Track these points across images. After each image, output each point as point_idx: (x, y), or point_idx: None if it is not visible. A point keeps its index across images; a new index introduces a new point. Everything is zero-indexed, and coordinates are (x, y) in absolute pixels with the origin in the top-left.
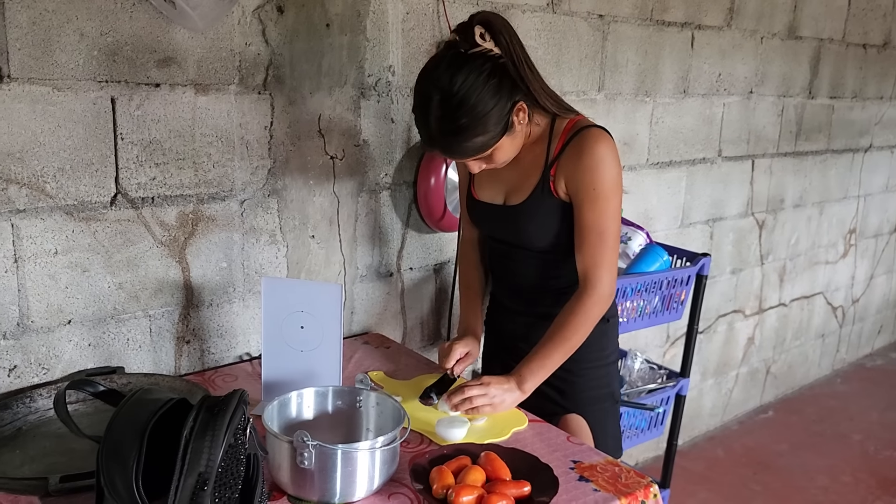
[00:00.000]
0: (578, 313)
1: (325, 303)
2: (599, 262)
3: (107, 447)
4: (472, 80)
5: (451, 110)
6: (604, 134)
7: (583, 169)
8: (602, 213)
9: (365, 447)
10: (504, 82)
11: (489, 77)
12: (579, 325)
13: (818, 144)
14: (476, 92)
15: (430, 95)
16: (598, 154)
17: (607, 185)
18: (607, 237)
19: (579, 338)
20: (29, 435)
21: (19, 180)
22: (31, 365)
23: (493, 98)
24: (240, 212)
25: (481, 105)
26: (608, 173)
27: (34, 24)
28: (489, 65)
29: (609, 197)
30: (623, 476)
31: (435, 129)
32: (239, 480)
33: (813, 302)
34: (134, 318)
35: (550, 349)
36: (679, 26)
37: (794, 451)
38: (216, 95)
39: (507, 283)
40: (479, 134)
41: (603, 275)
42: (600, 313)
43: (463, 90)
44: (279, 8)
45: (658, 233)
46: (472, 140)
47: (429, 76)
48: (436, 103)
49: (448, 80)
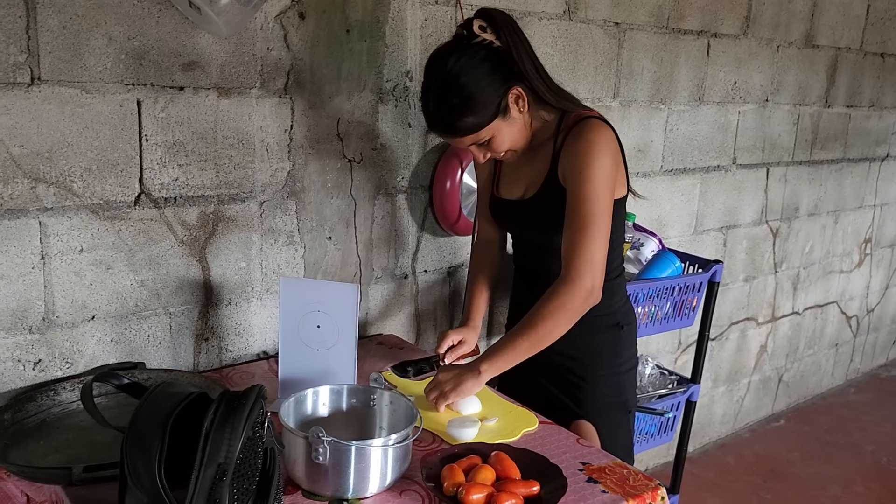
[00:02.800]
0: (550, 303)
1: (342, 303)
2: (579, 250)
3: (131, 437)
4: (464, 62)
5: (444, 90)
6: (600, 123)
7: (574, 152)
8: (587, 198)
9: (378, 444)
10: (498, 69)
11: (482, 61)
12: (549, 316)
13: (834, 153)
14: (466, 73)
15: (429, 81)
16: (589, 139)
17: (595, 170)
18: (590, 224)
19: (549, 329)
20: (53, 426)
21: (48, 179)
22: (56, 359)
23: (485, 80)
24: (259, 213)
25: (471, 85)
26: (597, 159)
27: (64, 28)
28: (484, 51)
29: (596, 182)
30: (632, 478)
31: (432, 109)
32: (256, 472)
33: (827, 311)
34: (155, 316)
35: (516, 337)
36: (695, 34)
37: (806, 460)
38: (238, 99)
39: (530, 281)
40: (470, 113)
41: (580, 264)
42: (577, 307)
43: (455, 70)
44: (301, 14)
45: (671, 239)
46: (463, 119)
47: (430, 64)
48: (433, 86)
49: (443, 63)
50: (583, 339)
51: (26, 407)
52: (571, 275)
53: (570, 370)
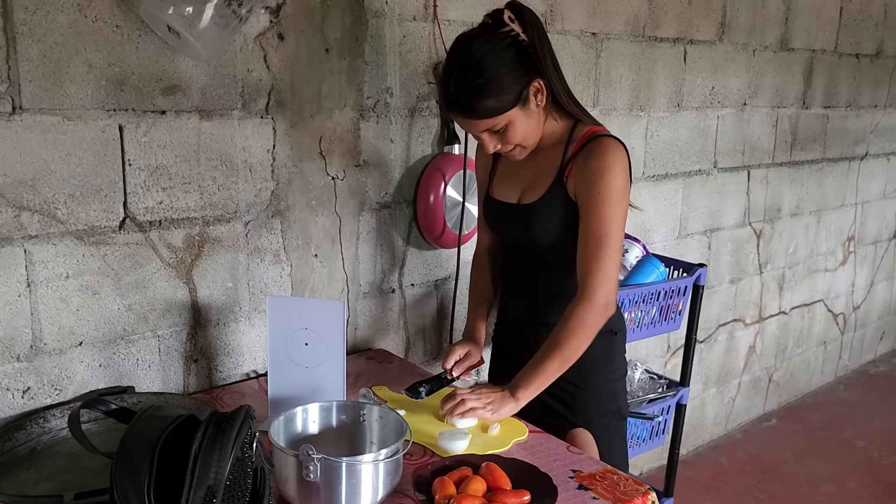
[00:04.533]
0: (571, 322)
1: (328, 320)
2: (595, 268)
3: (119, 463)
4: (489, 46)
5: (468, 70)
6: (617, 144)
7: (590, 172)
8: (603, 218)
9: (368, 460)
10: (522, 59)
11: (507, 48)
12: (572, 335)
13: (814, 154)
14: (491, 56)
15: (452, 62)
16: (607, 160)
17: (612, 191)
18: (606, 244)
19: (574, 347)
20: (43, 454)
21: (31, 207)
22: (45, 386)
23: (508, 66)
24: (244, 233)
25: (495, 69)
26: (614, 180)
27: (44, 57)
28: (510, 40)
29: (612, 203)
30: (622, 484)
31: (453, 88)
32: (247, 492)
33: (813, 310)
34: (143, 339)
35: (545, 359)
36: (671, 42)
37: (799, 458)
38: (220, 121)
39: (517, 289)
40: (491, 96)
41: (597, 283)
42: (596, 322)
43: (480, 53)
44: (280, 35)
45: (656, 244)
46: (483, 101)
47: (455, 46)
48: (455, 67)
49: (468, 46)
50: None
51: (16, 436)
52: (588, 293)
53: (565, 378)
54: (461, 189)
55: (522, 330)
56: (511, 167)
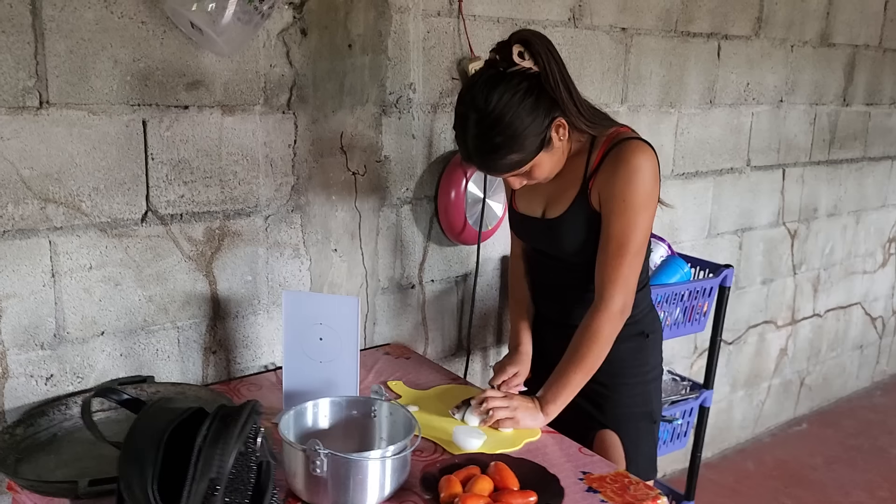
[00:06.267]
0: (588, 332)
1: (343, 315)
2: (614, 276)
3: (126, 453)
4: (507, 99)
5: (487, 128)
6: (643, 145)
7: (616, 179)
8: (627, 224)
9: (376, 456)
10: (541, 100)
11: (525, 95)
12: (591, 343)
13: (854, 152)
14: (511, 110)
15: (467, 114)
16: (633, 165)
17: (638, 197)
18: (627, 251)
19: (595, 356)
20: (64, 440)
21: (57, 199)
22: (67, 374)
23: (530, 116)
24: (264, 227)
25: (517, 123)
26: (641, 186)
27: (71, 53)
28: (526, 83)
29: (638, 210)
30: (632, 488)
31: (472, 146)
32: (249, 486)
33: (850, 312)
34: (163, 330)
35: (568, 370)
36: (705, 37)
37: (829, 464)
38: (242, 116)
39: (550, 295)
40: (514, 151)
41: (615, 291)
42: (614, 330)
43: (498, 109)
44: (303, 31)
45: (684, 243)
46: (507, 157)
47: (466, 95)
48: (472, 122)
49: (484, 99)
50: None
51: (38, 421)
52: (605, 301)
53: (595, 380)
54: (482, 186)
55: (558, 333)
56: None
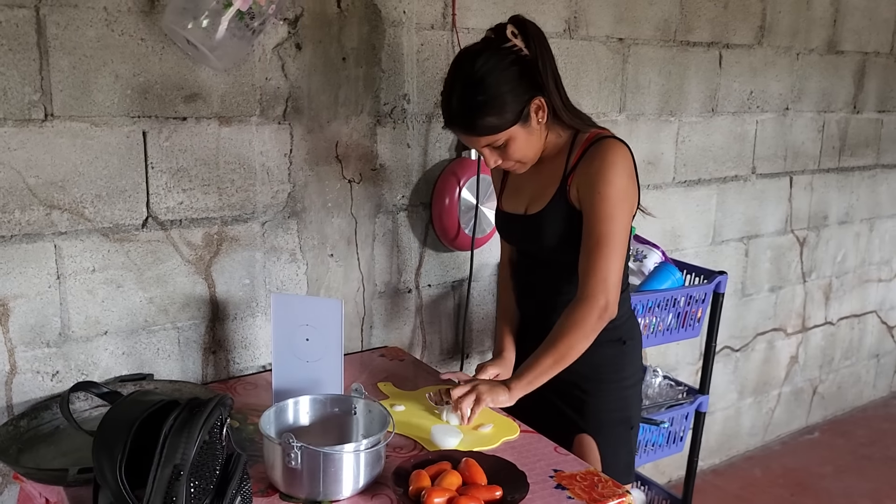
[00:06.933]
0: (567, 321)
1: (327, 317)
2: (594, 269)
3: (98, 440)
4: (492, 64)
5: (470, 87)
6: (618, 144)
7: (592, 173)
8: (604, 218)
9: (349, 450)
10: (525, 76)
11: (510, 65)
12: (567, 334)
13: (866, 160)
14: (494, 74)
15: (454, 76)
16: (607, 160)
17: (613, 190)
18: (606, 245)
19: (569, 346)
20: (64, 433)
21: (61, 206)
22: (72, 371)
23: (510, 83)
24: (261, 232)
25: (498, 87)
26: (616, 179)
27: (74, 68)
28: (513, 56)
29: (614, 203)
30: (600, 486)
31: (454, 105)
32: (214, 473)
33: (865, 321)
34: (164, 330)
35: (540, 356)
36: (705, 46)
37: (838, 473)
38: (238, 126)
39: (531, 294)
40: (491, 114)
41: (595, 284)
42: (594, 324)
43: (482, 70)
44: (297, 45)
45: (687, 251)
46: (484, 119)
47: (457, 61)
48: (457, 82)
49: (471, 62)
50: (586, 354)
51: (42, 415)
52: (587, 293)
53: (575, 384)
54: (475, 193)
55: (538, 333)
56: (519, 179)
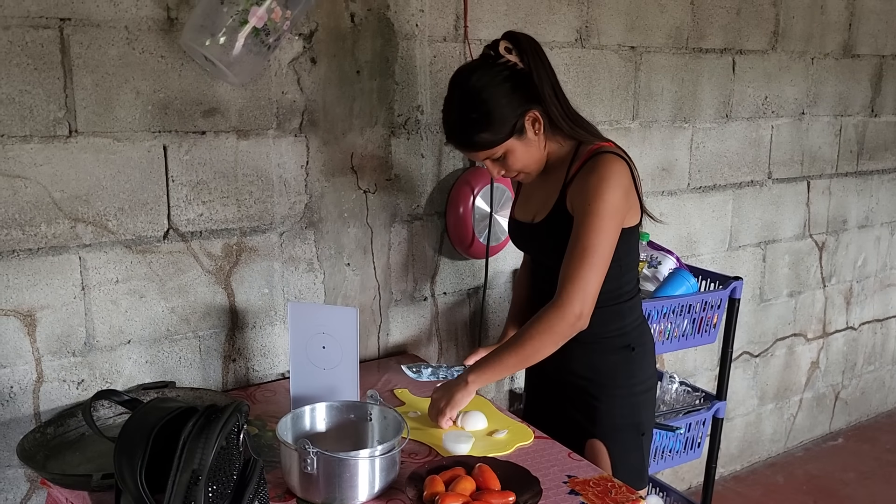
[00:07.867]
0: (537, 324)
1: (343, 325)
2: (573, 277)
3: (119, 446)
4: (486, 80)
5: (464, 104)
6: (615, 159)
7: (586, 186)
8: (591, 230)
9: (364, 455)
10: (519, 89)
11: (504, 81)
12: (535, 336)
13: (886, 163)
14: (487, 90)
15: (452, 93)
16: (602, 174)
17: (604, 207)
18: (589, 255)
19: (535, 348)
20: (89, 440)
21: (85, 219)
22: (97, 379)
23: (503, 98)
24: (279, 243)
25: (490, 102)
26: (608, 196)
27: (97, 86)
28: (507, 72)
29: (602, 216)
30: (614, 491)
31: (451, 122)
32: (232, 478)
33: (888, 326)
34: (185, 339)
35: (504, 352)
36: (718, 53)
37: (862, 480)
38: (256, 139)
39: (537, 298)
40: (486, 130)
41: (572, 291)
42: (564, 331)
43: (477, 87)
44: (313, 59)
45: (704, 256)
46: (479, 135)
47: (454, 79)
48: (454, 100)
49: (466, 79)
50: (596, 360)
51: (68, 422)
52: (563, 299)
53: (586, 391)
54: (489, 202)
55: None
56: (529, 188)
